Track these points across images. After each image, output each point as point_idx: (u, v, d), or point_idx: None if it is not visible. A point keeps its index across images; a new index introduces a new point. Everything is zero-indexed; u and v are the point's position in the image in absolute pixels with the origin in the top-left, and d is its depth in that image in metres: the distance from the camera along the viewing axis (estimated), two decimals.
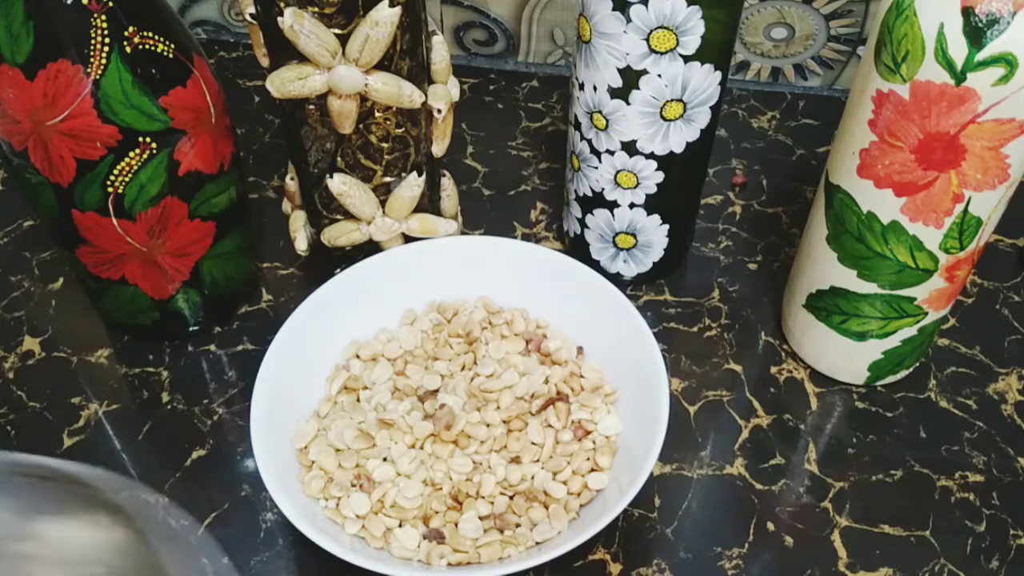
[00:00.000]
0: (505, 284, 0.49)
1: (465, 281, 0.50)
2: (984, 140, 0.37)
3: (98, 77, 0.40)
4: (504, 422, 0.44)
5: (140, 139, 0.42)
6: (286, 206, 0.54)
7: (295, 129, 0.45)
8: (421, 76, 0.44)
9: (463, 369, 0.46)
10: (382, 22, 0.40)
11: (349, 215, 0.48)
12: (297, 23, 0.39)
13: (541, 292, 0.49)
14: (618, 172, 0.48)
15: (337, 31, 0.40)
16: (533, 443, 0.43)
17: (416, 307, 0.50)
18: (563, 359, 0.47)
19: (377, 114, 0.44)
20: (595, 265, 0.54)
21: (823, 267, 0.46)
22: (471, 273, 0.49)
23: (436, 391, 0.45)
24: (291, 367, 0.44)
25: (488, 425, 0.44)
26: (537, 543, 0.40)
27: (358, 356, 0.48)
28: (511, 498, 0.42)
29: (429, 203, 0.50)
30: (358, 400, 0.46)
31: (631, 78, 0.44)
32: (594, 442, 0.44)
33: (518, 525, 0.41)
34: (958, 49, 0.35)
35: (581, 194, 0.51)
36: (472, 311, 0.49)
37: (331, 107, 0.42)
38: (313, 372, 0.46)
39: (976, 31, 0.34)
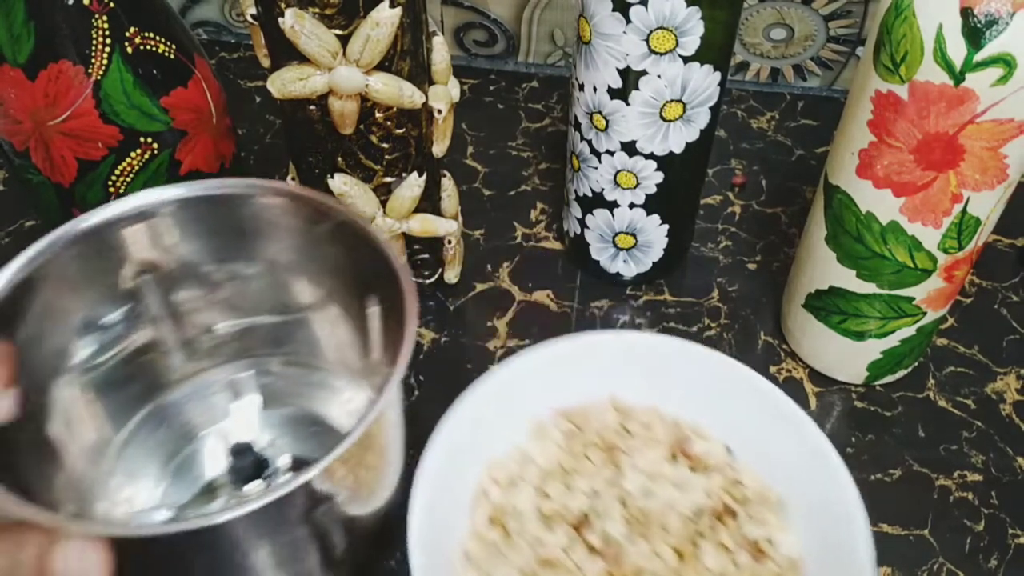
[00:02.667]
0: (629, 379, 0.44)
1: (586, 379, 0.44)
2: (983, 140, 0.37)
3: (99, 78, 0.40)
4: (673, 548, 0.38)
5: (141, 139, 0.42)
6: None
7: (296, 130, 0.45)
8: (422, 77, 0.44)
9: (608, 484, 0.41)
10: (383, 23, 0.40)
11: None
12: (298, 24, 0.39)
13: (667, 383, 0.43)
14: (618, 172, 0.48)
15: (338, 32, 0.40)
16: (708, 569, 0.38)
17: (540, 412, 0.44)
18: (714, 463, 0.41)
19: (378, 115, 0.44)
20: (595, 265, 0.54)
21: (822, 267, 0.46)
22: (591, 371, 0.44)
23: (587, 515, 0.40)
24: (437, 499, 0.38)
25: (659, 555, 0.38)
26: None
27: (495, 480, 0.42)
28: None
29: (429, 203, 0.50)
30: (506, 533, 0.40)
31: (631, 79, 0.44)
32: (777, 563, 0.38)
33: None
34: (957, 49, 0.35)
35: (581, 194, 0.52)
36: (603, 413, 0.43)
37: (332, 108, 0.43)
38: (456, 499, 0.40)
39: (975, 31, 0.34)
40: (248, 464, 0.40)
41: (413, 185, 0.47)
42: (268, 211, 0.40)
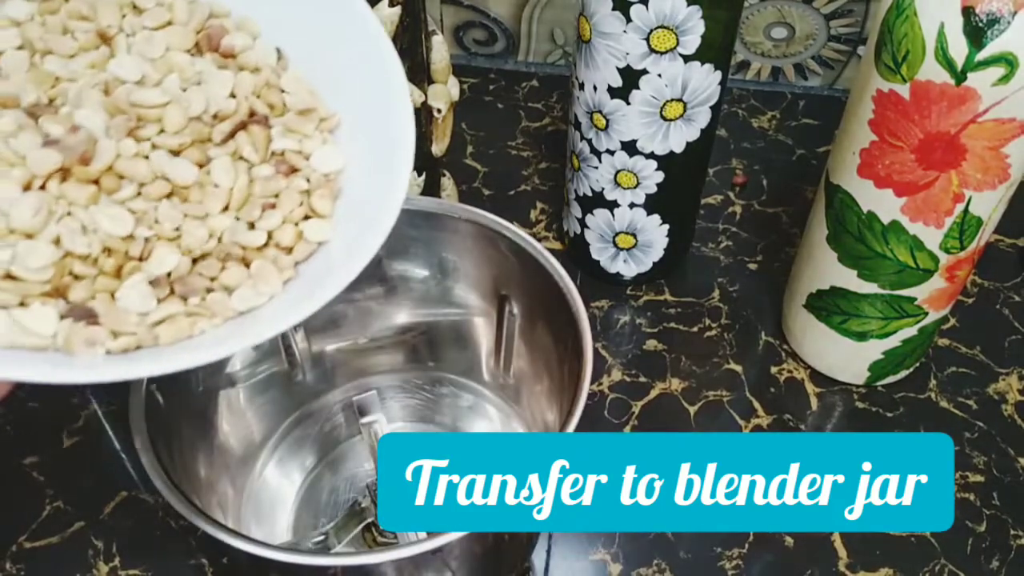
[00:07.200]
0: None
1: None
2: (984, 140, 0.37)
3: None
4: (173, 153, 0.30)
5: None
6: None
7: None
8: (421, 76, 0.44)
9: (92, 68, 0.31)
10: (382, 22, 0.40)
11: None
12: None
13: None
14: (618, 172, 0.48)
15: None
16: (215, 184, 0.30)
17: None
18: (254, 64, 0.32)
19: None
20: (595, 265, 0.54)
21: (823, 267, 0.46)
22: None
23: (53, 102, 0.30)
24: None
25: (148, 157, 0.30)
26: (240, 313, 0.29)
27: None
28: (195, 261, 0.29)
29: None
30: None
31: (631, 78, 0.44)
32: (308, 179, 0.31)
33: (210, 291, 0.29)
34: (958, 49, 0.35)
35: (581, 194, 0.51)
36: None
37: None
38: None
39: (976, 31, 0.34)
40: None
41: (412, 184, 0.47)
42: (445, 229, 0.41)
